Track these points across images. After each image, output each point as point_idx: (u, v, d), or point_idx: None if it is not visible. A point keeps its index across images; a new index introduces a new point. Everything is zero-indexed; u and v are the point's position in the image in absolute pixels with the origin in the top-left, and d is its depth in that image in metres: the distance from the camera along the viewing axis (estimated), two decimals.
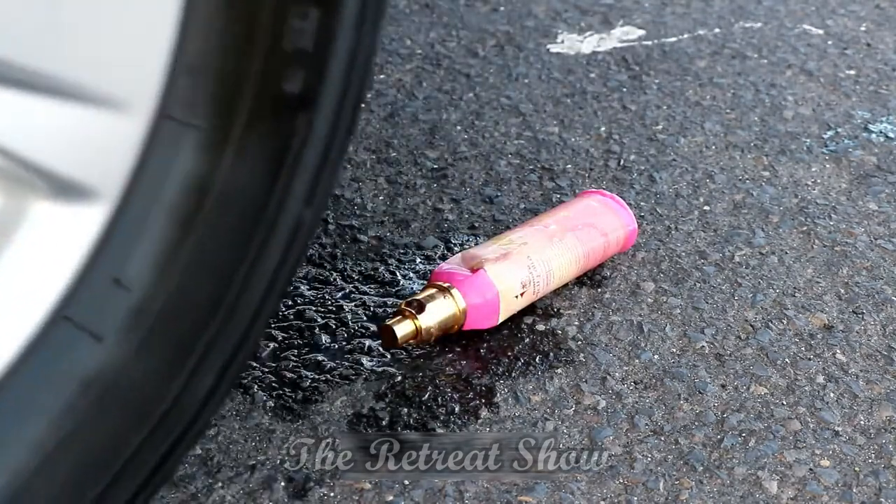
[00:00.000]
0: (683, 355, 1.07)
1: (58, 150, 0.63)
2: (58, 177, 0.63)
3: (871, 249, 1.23)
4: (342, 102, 0.67)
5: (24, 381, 0.65)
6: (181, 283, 0.67)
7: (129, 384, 0.67)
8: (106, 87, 0.62)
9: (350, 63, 0.66)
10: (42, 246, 0.65)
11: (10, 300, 0.65)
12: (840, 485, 0.95)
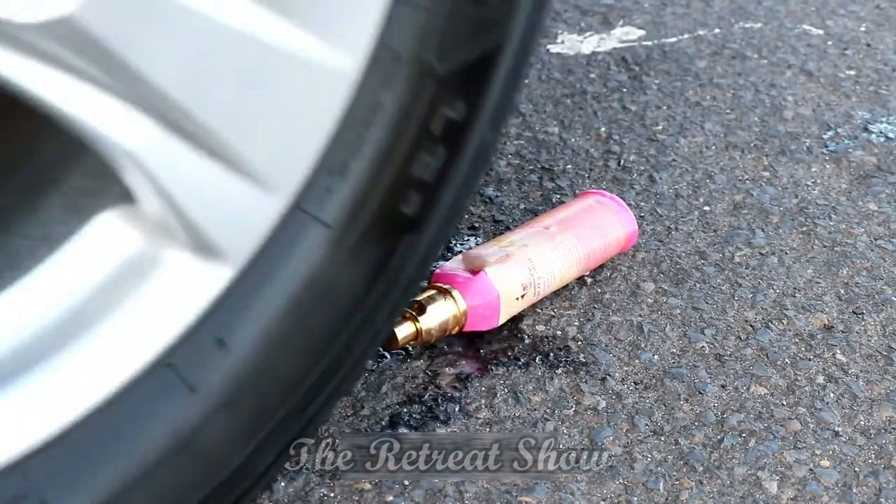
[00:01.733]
0: (683, 355, 1.07)
1: (209, 208, 0.68)
2: (200, 233, 0.68)
3: (871, 249, 1.23)
4: (445, 227, 0.78)
5: (116, 416, 0.68)
6: (275, 357, 0.72)
7: (208, 438, 0.71)
8: (263, 166, 0.68)
9: (459, 196, 0.77)
10: (165, 292, 0.69)
11: (124, 336, 0.68)
12: (840, 485, 0.95)
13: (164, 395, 0.69)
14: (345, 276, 0.74)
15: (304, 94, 0.69)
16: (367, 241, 0.74)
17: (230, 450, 0.73)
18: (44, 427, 0.66)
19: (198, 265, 0.70)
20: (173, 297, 0.70)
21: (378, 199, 0.73)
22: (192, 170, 0.67)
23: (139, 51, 0.63)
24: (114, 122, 0.65)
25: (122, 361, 0.68)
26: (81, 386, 0.67)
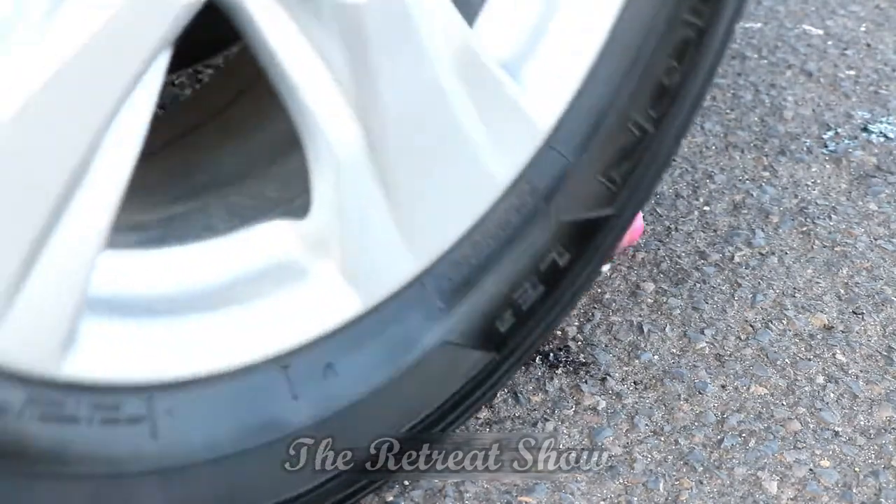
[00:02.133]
0: (683, 356, 1.07)
1: (368, 243, 0.74)
2: (351, 261, 0.73)
3: (871, 250, 1.23)
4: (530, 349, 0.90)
5: (219, 403, 0.72)
6: (373, 396, 0.79)
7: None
8: (418, 229, 0.76)
9: (575, 289, 0.88)
10: (299, 303, 0.74)
11: (246, 332, 0.73)
12: (840, 485, 0.95)
13: (269, 395, 0.74)
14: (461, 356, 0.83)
15: (467, 184, 0.76)
16: (463, 334, 0.82)
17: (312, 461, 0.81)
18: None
19: (338, 289, 0.75)
20: (303, 308, 0.75)
21: (503, 298, 0.83)
22: (371, 202, 0.72)
23: (385, 66, 0.68)
24: (337, 124, 0.69)
25: (233, 353, 0.73)
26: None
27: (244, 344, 0.73)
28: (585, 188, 0.84)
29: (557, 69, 0.81)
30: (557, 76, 0.81)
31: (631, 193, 0.87)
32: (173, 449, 0.69)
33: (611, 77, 0.82)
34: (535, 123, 0.80)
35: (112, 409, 0.66)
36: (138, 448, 0.67)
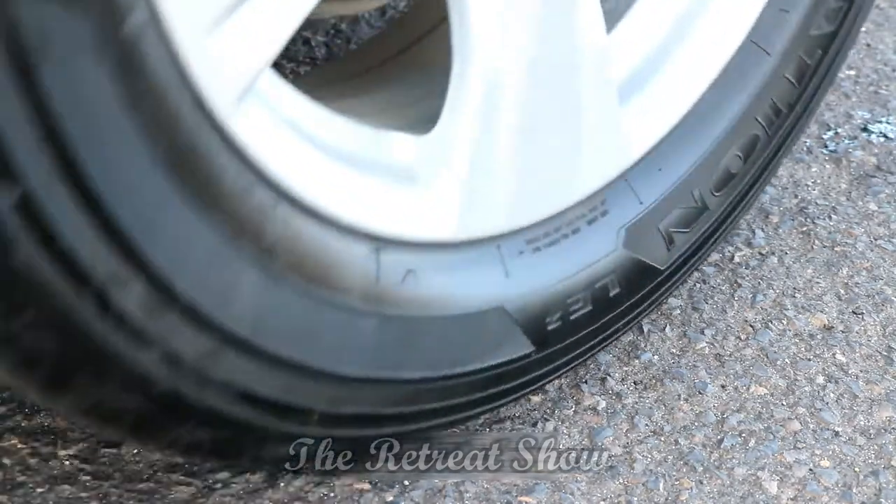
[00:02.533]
0: (683, 356, 1.07)
1: None
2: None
3: (871, 250, 1.23)
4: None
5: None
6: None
7: None
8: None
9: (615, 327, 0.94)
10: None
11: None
12: (840, 485, 0.95)
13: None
14: None
15: (559, 174, 0.82)
16: None
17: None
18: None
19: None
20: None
21: None
22: (490, 142, 0.78)
23: (542, 33, 0.75)
24: (490, 53, 0.73)
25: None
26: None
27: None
28: (645, 233, 0.87)
29: (657, 110, 0.87)
30: (655, 117, 0.87)
31: (680, 261, 0.93)
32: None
33: (691, 141, 0.89)
34: (626, 151, 0.85)
35: None
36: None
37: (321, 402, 0.75)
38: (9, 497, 0.89)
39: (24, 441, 0.94)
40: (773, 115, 0.93)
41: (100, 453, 0.93)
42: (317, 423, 0.77)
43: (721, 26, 0.88)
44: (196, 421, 0.70)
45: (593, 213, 0.84)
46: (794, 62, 0.92)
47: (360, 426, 0.78)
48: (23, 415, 0.97)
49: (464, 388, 0.83)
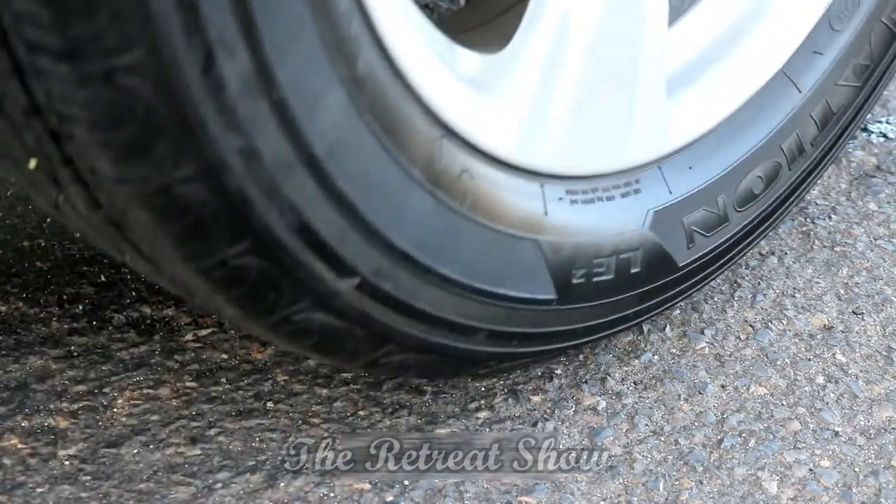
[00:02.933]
0: (683, 356, 1.07)
1: None
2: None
3: (871, 249, 1.23)
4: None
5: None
6: None
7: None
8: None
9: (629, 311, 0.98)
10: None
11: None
12: (840, 485, 0.95)
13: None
14: None
15: (604, 140, 0.88)
16: None
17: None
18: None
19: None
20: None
21: None
22: (553, 85, 0.85)
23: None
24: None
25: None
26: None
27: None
28: (670, 222, 0.92)
29: (696, 111, 0.94)
30: (693, 116, 0.93)
31: (696, 265, 0.97)
32: None
33: (721, 150, 0.96)
34: (664, 139, 0.91)
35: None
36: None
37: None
38: (9, 497, 0.89)
39: (24, 441, 0.94)
40: (795, 150, 1.00)
41: (100, 453, 0.94)
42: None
43: (760, 51, 0.96)
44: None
45: (627, 188, 0.89)
46: (820, 105, 1.00)
47: None
48: (23, 415, 0.97)
49: (484, 313, 0.85)
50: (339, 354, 0.82)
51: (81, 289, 1.12)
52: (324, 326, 0.77)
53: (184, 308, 1.10)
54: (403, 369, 0.87)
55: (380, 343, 0.82)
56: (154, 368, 1.03)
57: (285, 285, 0.74)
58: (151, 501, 0.89)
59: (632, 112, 0.88)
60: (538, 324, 0.89)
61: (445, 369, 0.91)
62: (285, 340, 0.80)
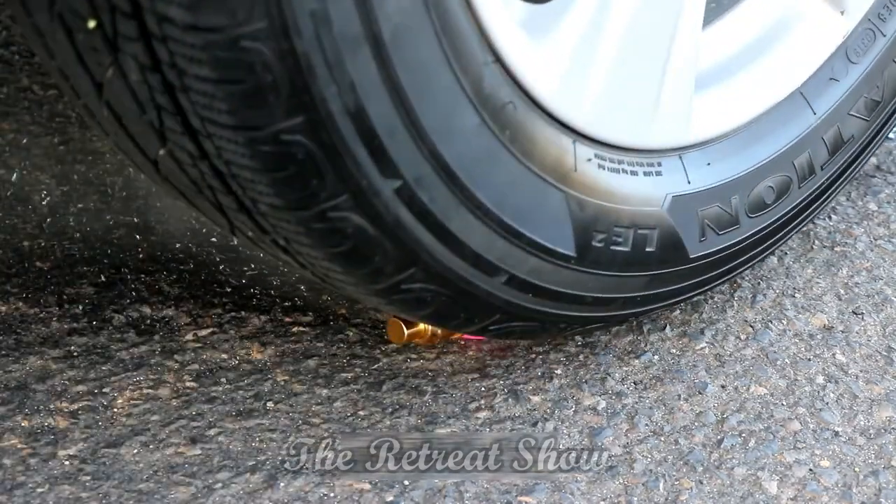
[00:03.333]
0: (683, 355, 1.07)
1: None
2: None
3: (871, 249, 1.23)
4: None
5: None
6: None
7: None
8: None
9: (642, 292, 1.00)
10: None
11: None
12: (840, 485, 0.95)
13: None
14: None
15: (631, 115, 0.93)
16: None
17: None
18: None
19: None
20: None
21: None
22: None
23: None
24: None
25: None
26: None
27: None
28: (686, 210, 0.96)
29: (717, 111, 0.98)
30: (714, 116, 0.98)
31: (705, 263, 1.00)
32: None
33: (735, 154, 1.00)
34: (686, 130, 0.96)
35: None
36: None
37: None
38: (9, 497, 0.89)
39: (24, 441, 0.94)
40: (806, 169, 1.04)
41: (100, 453, 0.94)
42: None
43: (780, 67, 1.02)
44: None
45: (649, 168, 0.94)
46: (832, 130, 1.05)
47: None
48: (23, 415, 0.97)
49: (507, 254, 0.87)
50: (363, 268, 0.83)
51: (81, 289, 1.12)
52: (357, 231, 0.79)
53: (184, 308, 1.10)
54: (418, 305, 0.87)
55: (405, 264, 0.83)
56: (154, 368, 1.03)
57: (330, 174, 0.75)
58: (151, 501, 0.89)
59: (660, 96, 0.92)
60: (555, 280, 0.91)
61: (458, 312, 0.90)
62: (318, 239, 0.80)
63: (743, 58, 1.02)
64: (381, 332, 1.08)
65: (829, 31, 1.04)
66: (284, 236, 0.82)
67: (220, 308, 1.11)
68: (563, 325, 0.98)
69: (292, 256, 0.86)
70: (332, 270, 0.85)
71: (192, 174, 0.80)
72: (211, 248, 1.19)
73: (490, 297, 0.89)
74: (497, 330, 0.94)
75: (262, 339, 1.07)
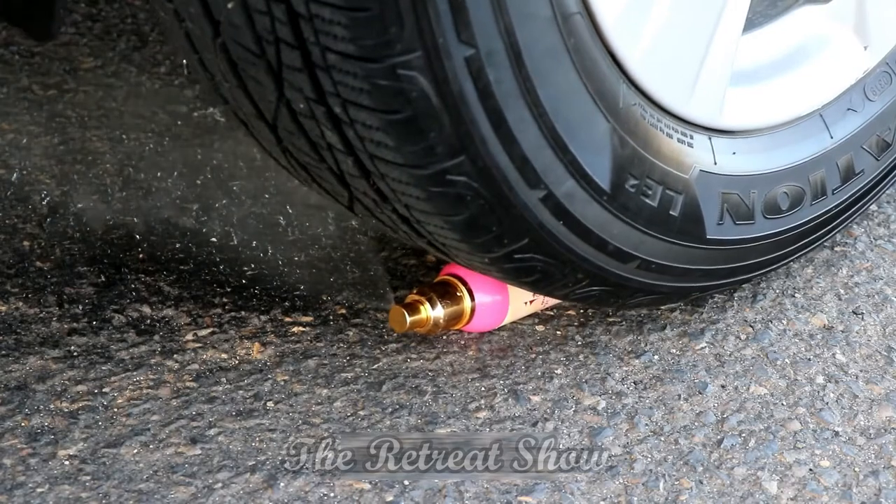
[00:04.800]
0: (683, 355, 1.07)
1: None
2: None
3: (871, 249, 1.23)
4: None
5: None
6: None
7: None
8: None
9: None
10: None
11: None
12: (840, 485, 0.95)
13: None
14: None
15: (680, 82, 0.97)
16: None
17: None
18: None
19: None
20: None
21: None
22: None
23: None
24: None
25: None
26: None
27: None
28: (710, 187, 1.00)
29: (743, 108, 1.03)
30: (741, 111, 1.03)
31: (718, 249, 1.03)
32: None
33: (758, 150, 1.04)
34: (718, 115, 1.01)
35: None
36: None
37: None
38: (9, 497, 0.89)
39: (24, 441, 0.94)
40: (819, 188, 1.08)
41: (100, 453, 0.94)
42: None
43: (802, 87, 1.08)
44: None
45: (683, 137, 0.98)
46: (845, 158, 1.09)
47: None
48: (23, 415, 0.97)
49: (549, 168, 0.89)
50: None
51: (81, 289, 1.12)
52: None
53: (184, 308, 1.10)
54: (462, 197, 0.88)
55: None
56: (154, 368, 1.03)
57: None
58: (151, 501, 0.89)
59: (700, 72, 0.97)
60: (585, 214, 0.92)
61: (491, 225, 0.91)
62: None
63: (772, 68, 1.08)
64: (381, 332, 1.08)
65: (852, 64, 1.10)
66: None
67: (220, 308, 1.11)
68: (581, 276, 0.98)
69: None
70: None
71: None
72: (211, 248, 1.19)
73: (526, 212, 0.90)
74: (520, 261, 0.94)
75: (262, 339, 1.07)
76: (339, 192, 0.95)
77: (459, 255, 0.95)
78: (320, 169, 0.92)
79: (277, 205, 1.26)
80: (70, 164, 1.31)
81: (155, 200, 1.26)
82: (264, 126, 0.91)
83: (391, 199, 0.89)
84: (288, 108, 0.87)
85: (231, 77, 0.88)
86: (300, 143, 0.90)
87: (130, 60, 1.54)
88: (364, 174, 0.88)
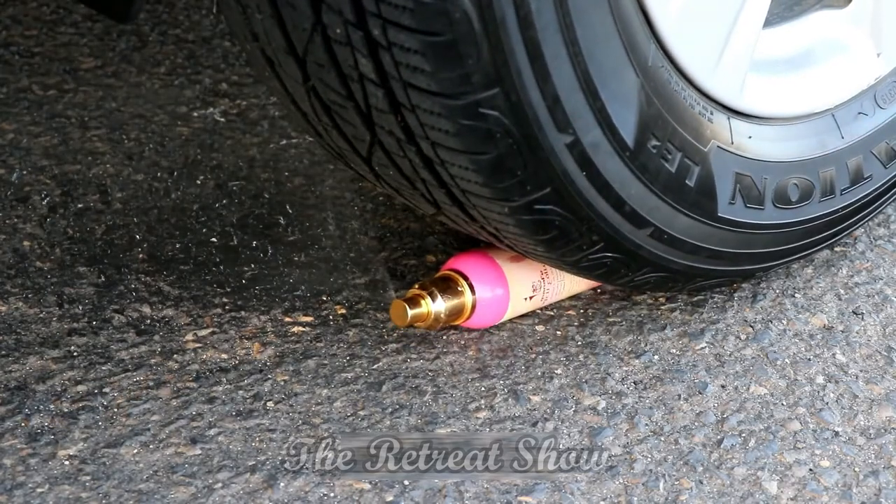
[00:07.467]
0: (683, 355, 1.07)
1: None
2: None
3: (870, 249, 1.23)
4: None
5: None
6: None
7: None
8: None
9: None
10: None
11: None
12: (840, 485, 0.95)
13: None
14: None
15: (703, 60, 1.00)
16: None
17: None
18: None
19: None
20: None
21: None
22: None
23: None
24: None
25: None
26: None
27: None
28: (725, 165, 1.02)
29: (760, 95, 1.06)
30: (757, 96, 1.05)
31: (728, 230, 1.05)
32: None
33: (772, 138, 1.07)
34: (737, 96, 1.03)
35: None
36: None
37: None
38: (9, 497, 0.89)
39: (24, 441, 0.94)
40: (828, 186, 1.09)
41: (100, 453, 0.94)
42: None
43: (816, 85, 1.10)
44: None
45: (704, 111, 1.00)
46: (855, 159, 1.11)
47: None
48: (23, 415, 0.97)
49: (580, 116, 0.90)
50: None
51: (81, 289, 1.12)
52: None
53: (184, 308, 1.10)
54: (492, 133, 0.89)
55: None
56: (154, 368, 1.03)
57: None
58: (151, 501, 0.89)
59: (724, 52, 1.00)
60: (607, 167, 0.93)
61: (516, 170, 0.91)
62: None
63: (789, 64, 1.10)
64: (381, 332, 1.08)
65: (865, 69, 1.12)
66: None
67: (220, 308, 1.11)
68: (596, 238, 0.98)
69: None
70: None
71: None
72: (211, 248, 1.19)
73: (552, 157, 0.90)
74: (539, 213, 0.94)
75: (262, 339, 1.07)
76: (360, 135, 0.94)
77: (479, 203, 0.94)
78: (346, 108, 0.91)
79: (277, 205, 1.26)
80: (70, 164, 1.31)
81: (155, 200, 1.26)
82: (292, 61, 0.90)
83: (418, 137, 0.89)
84: (323, 36, 0.86)
85: (266, 6, 0.87)
86: (329, 77, 0.89)
87: (130, 60, 1.54)
88: (393, 108, 0.87)
